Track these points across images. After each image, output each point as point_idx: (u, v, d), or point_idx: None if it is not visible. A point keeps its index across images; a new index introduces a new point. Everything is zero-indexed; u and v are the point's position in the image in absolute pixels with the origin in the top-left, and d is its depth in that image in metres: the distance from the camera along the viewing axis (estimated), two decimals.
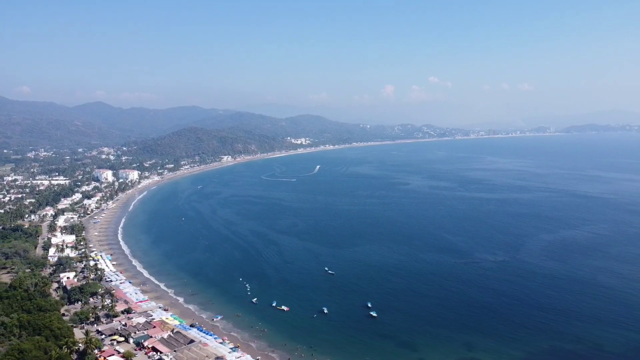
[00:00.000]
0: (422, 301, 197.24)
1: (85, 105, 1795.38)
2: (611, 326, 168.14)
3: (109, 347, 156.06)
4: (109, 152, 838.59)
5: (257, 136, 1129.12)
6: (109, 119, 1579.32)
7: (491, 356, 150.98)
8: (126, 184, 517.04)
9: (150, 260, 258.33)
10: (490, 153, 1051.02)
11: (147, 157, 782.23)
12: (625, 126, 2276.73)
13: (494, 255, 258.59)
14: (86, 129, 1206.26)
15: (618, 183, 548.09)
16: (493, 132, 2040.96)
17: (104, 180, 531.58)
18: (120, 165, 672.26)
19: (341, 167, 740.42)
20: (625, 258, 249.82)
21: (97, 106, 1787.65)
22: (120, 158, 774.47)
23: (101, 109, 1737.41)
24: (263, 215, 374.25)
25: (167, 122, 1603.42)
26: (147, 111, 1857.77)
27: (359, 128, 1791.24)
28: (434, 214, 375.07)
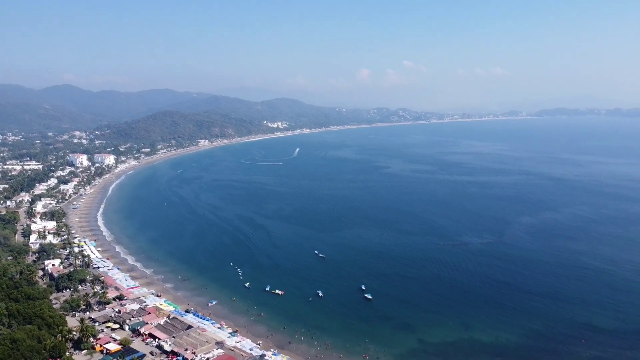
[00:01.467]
0: (415, 283, 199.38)
1: (54, 87, 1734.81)
2: (598, 307, 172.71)
3: (104, 334, 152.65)
4: (81, 136, 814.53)
5: (234, 120, 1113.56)
6: (79, 102, 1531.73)
7: (488, 336, 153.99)
8: (103, 169, 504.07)
9: (137, 246, 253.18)
10: (466, 137, 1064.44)
11: (122, 141, 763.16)
12: (593, 110, 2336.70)
13: (481, 237, 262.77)
14: (56, 112, 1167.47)
15: (591, 166, 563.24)
16: (467, 115, 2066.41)
17: (79, 164, 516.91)
18: (94, 149, 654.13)
19: (320, 151, 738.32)
20: (605, 240, 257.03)
21: (66, 89, 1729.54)
22: (93, 142, 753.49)
23: (70, 92, 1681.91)
24: (248, 200, 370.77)
25: (140, 106, 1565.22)
26: (118, 94, 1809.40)
27: (336, 112, 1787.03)
28: (417, 197, 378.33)
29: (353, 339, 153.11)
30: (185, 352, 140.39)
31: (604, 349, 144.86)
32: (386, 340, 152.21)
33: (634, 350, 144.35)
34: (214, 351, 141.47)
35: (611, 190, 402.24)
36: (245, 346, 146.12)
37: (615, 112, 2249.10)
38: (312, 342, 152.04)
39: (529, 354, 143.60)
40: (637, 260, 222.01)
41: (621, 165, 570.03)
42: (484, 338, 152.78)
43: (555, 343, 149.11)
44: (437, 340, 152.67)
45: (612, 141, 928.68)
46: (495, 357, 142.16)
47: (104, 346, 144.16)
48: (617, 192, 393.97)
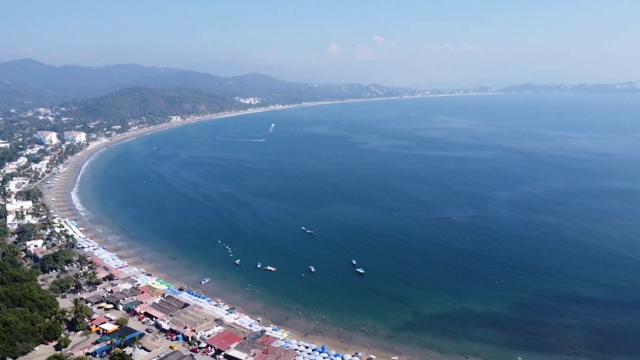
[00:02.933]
0: (404, 257, 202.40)
1: (13, 62, 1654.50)
2: (581, 279, 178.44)
3: (98, 315, 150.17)
4: (46, 113, 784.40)
5: (205, 96, 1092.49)
6: (41, 77, 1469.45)
7: (480, 306, 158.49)
8: (74, 147, 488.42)
9: (120, 225, 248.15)
10: (439, 112, 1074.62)
11: (91, 118, 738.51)
12: (559, 86, 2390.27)
13: (463, 212, 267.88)
14: (17, 88, 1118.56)
15: (562, 140, 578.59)
16: (438, 91, 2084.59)
17: (49, 142, 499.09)
18: (62, 126, 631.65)
19: (296, 128, 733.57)
20: (581, 213, 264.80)
21: (26, 64, 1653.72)
22: (60, 119, 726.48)
23: (32, 67, 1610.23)
24: (228, 177, 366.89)
25: (106, 81, 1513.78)
26: (82, 69, 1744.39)
27: (307, 87, 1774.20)
28: (397, 173, 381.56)
29: (350, 313, 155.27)
30: (184, 329, 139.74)
31: (589, 317, 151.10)
32: (382, 313, 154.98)
33: (616, 317, 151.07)
34: (213, 328, 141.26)
35: (582, 164, 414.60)
36: (244, 322, 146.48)
37: (580, 87, 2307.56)
38: (310, 317, 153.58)
39: (520, 321, 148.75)
40: (613, 232, 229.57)
41: (588, 140, 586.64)
42: (476, 308, 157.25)
43: (543, 311, 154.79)
44: (431, 311, 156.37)
45: (579, 116, 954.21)
46: (489, 326, 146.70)
47: (100, 326, 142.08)
48: (588, 166, 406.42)
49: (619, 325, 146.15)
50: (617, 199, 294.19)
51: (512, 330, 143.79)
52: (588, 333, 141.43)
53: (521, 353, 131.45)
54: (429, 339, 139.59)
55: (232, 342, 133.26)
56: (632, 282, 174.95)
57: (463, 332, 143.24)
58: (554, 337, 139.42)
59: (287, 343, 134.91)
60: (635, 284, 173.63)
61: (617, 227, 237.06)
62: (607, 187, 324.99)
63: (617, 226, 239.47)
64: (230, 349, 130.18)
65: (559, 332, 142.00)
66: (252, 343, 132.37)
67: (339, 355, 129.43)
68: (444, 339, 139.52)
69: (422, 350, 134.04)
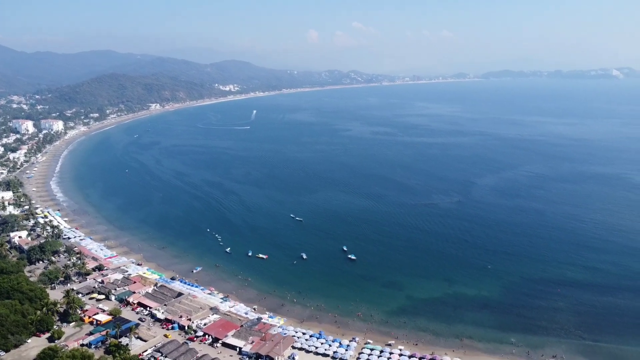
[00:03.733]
0: (394, 243, 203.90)
1: None
2: (567, 263, 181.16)
3: (90, 306, 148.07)
4: (20, 101, 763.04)
5: (184, 83, 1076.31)
6: (13, 64, 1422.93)
7: (471, 290, 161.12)
8: (52, 136, 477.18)
9: (106, 215, 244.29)
10: (420, 99, 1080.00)
11: (67, 106, 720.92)
12: (536, 72, 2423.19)
13: (449, 197, 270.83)
14: None
15: (541, 126, 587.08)
16: (417, 78, 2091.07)
17: (25, 131, 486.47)
18: (37, 115, 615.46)
19: (277, 115, 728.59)
20: (563, 197, 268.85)
21: None
22: (35, 107, 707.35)
23: (2, 53, 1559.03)
24: (212, 165, 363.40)
25: (81, 68, 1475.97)
26: (55, 56, 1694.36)
27: (287, 74, 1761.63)
28: (382, 159, 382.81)
29: (344, 299, 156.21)
30: (180, 319, 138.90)
31: (577, 299, 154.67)
32: (376, 299, 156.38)
33: (602, 298, 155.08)
34: (209, 317, 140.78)
35: (561, 150, 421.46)
36: (239, 310, 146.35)
37: (556, 73, 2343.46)
38: (305, 304, 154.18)
39: (511, 304, 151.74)
40: (595, 216, 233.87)
41: (566, 125, 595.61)
42: (468, 292, 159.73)
43: (532, 294, 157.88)
44: (424, 296, 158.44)
45: (556, 102, 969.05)
46: (481, 309, 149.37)
47: (94, 317, 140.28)
48: (567, 151, 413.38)
49: (605, 306, 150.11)
50: (597, 183, 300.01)
51: (503, 313, 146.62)
52: (577, 314, 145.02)
53: (514, 335, 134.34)
54: (423, 323, 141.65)
55: (229, 330, 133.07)
56: (615, 264, 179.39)
57: (456, 315, 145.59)
58: (545, 318, 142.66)
59: (284, 330, 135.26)
60: (618, 265, 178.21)
61: (599, 211, 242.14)
62: (586, 172, 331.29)
63: (599, 210, 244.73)
64: (227, 337, 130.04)
65: (549, 313, 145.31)
66: (250, 330, 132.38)
67: (336, 341, 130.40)
68: (438, 323, 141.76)
69: (418, 334, 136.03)
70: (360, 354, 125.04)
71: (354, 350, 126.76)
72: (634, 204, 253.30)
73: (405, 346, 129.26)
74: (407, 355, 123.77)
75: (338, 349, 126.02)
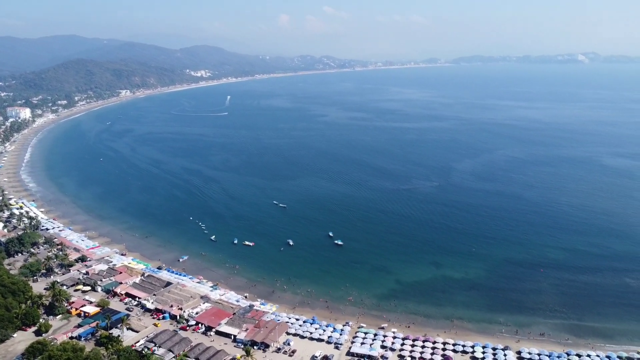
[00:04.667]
0: (378, 228, 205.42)
1: None
2: (547, 246, 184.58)
3: (76, 298, 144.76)
4: None
5: (154, 69, 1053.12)
6: None
7: (458, 273, 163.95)
8: (19, 124, 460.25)
9: (83, 205, 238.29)
10: (394, 84, 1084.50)
11: (32, 93, 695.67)
12: (505, 57, 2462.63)
13: (429, 181, 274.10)
14: None
15: (514, 110, 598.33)
16: (390, 63, 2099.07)
17: None
18: (1, 102, 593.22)
19: (252, 101, 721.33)
20: (540, 181, 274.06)
21: None
22: None
23: None
24: (190, 152, 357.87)
25: (45, 54, 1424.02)
26: (17, 41, 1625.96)
27: (259, 60, 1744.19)
28: (360, 144, 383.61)
29: (334, 284, 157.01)
30: (170, 308, 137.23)
31: (559, 279, 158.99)
32: (365, 283, 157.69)
33: (582, 277, 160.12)
34: (200, 305, 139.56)
35: (533, 133, 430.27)
36: (230, 298, 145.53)
37: (524, 58, 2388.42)
38: (295, 290, 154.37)
39: (497, 285, 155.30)
40: (571, 200, 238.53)
41: (538, 109, 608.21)
42: (455, 275, 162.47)
43: (517, 276, 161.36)
44: (412, 279, 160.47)
45: (526, 87, 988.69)
46: (468, 290, 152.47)
47: (81, 309, 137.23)
48: (539, 135, 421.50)
49: (586, 285, 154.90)
50: (571, 166, 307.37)
51: (490, 294, 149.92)
52: (560, 294, 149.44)
53: (502, 315, 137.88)
54: (413, 306, 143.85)
55: (222, 318, 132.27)
56: (593, 245, 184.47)
57: (445, 297, 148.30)
58: (530, 298, 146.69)
59: (277, 316, 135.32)
60: (596, 246, 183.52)
61: (574, 194, 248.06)
62: (560, 155, 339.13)
63: (574, 192, 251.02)
64: (220, 325, 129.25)
65: (534, 294, 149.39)
66: (243, 318, 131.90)
67: (330, 326, 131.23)
68: (428, 305, 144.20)
69: (409, 316, 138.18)
70: (354, 337, 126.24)
71: (348, 334, 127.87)
72: (606, 186, 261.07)
73: (398, 329, 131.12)
74: (400, 338, 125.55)
75: (332, 334, 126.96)
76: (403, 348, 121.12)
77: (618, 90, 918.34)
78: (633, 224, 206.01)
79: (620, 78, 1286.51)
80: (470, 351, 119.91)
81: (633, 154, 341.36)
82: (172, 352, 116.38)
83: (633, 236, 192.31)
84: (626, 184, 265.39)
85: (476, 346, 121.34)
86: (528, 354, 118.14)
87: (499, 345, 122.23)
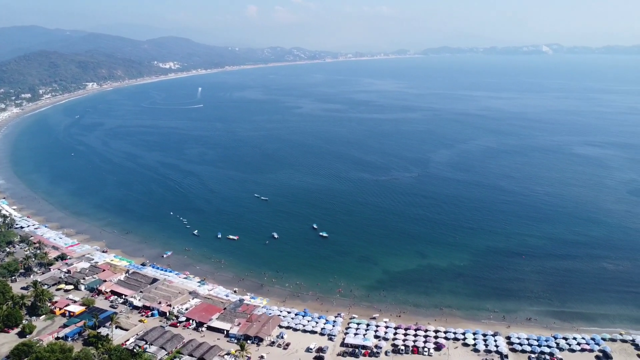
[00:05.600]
0: (361, 219, 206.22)
1: None
2: (527, 235, 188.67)
3: (59, 297, 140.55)
4: None
5: (121, 60, 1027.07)
6: None
7: (443, 261, 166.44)
8: None
9: (58, 202, 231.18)
10: (365, 75, 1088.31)
11: None
12: (473, 48, 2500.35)
13: (408, 172, 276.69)
14: None
15: (484, 100, 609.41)
16: (360, 54, 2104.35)
17: None
18: None
19: (224, 93, 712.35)
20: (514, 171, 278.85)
21: None
22: None
23: None
24: (165, 146, 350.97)
25: (5, 45, 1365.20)
26: None
27: (229, 51, 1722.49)
28: (337, 136, 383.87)
29: (322, 276, 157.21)
30: (159, 305, 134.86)
31: (541, 266, 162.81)
32: (354, 274, 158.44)
33: (562, 263, 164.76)
34: (190, 301, 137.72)
35: (505, 123, 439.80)
36: (219, 293, 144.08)
37: (491, 50, 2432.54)
38: (284, 283, 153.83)
39: (482, 273, 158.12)
40: (546, 189, 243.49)
41: (506, 99, 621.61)
42: (440, 264, 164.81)
43: (501, 263, 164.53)
44: (399, 269, 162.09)
45: (494, 77, 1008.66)
46: (455, 279, 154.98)
47: (66, 309, 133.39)
48: (510, 125, 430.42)
49: (567, 271, 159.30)
50: (543, 155, 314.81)
51: (476, 282, 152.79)
52: (543, 279, 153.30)
53: (489, 301, 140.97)
54: (402, 296, 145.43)
55: (213, 313, 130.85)
56: (571, 232, 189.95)
57: (433, 286, 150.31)
58: (515, 285, 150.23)
59: (268, 310, 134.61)
60: (573, 233, 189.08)
61: (549, 183, 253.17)
62: (531, 145, 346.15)
63: (549, 181, 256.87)
64: (212, 320, 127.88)
65: (518, 280, 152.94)
66: (234, 313, 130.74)
67: (322, 318, 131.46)
68: (416, 294, 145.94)
69: (399, 306, 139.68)
70: (347, 328, 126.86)
71: (340, 325, 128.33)
72: (579, 175, 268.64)
73: (389, 318, 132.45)
74: (392, 327, 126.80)
75: (325, 326, 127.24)
76: (396, 337, 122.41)
77: (581, 80, 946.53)
78: (606, 210, 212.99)
79: (582, 69, 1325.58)
80: (461, 338, 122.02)
81: (601, 142, 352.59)
82: (165, 350, 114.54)
83: (607, 223, 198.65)
84: (597, 172, 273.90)
85: (467, 333, 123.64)
86: (517, 339, 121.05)
87: (489, 331, 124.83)
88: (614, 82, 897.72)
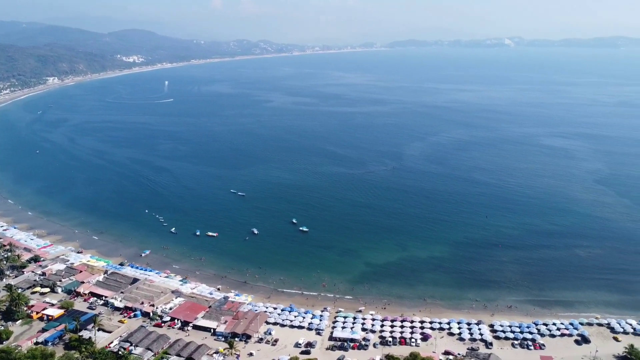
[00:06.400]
0: (339, 213, 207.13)
1: None
2: (502, 227, 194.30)
3: (35, 300, 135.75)
4: None
5: (83, 54, 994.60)
6: None
7: (424, 252, 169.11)
8: None
9: (26, 201, 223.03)
10: (333, 68, 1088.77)
11: None
12: (438, 42, 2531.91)
13: (384, 165, 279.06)
14: None
15: (452, 93, 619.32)
16: (327, 47, 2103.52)
17: None
18: None
19: (192, 87, 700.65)
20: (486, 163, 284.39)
21: None
22: None
23: None
24: (135, 142, 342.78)
25: None
26: None
27: (194, 44, 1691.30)
28: (310, 130, 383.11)
29: (305, 271, 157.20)
30: (141, 305, 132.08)
31: (518, 255, 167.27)
32: (336, 268, 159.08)
33: (537, 252, 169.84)
34: (173, 300, 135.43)
35: (473, 115, 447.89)
36: (203, 291, 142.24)
37: (455, 43, 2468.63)
38: (267, 280, 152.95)
39: (462, 264, 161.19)
40: (518, 181, 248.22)
41: (473, 92, 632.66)
42: (420, 255, 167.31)
43: (479, 254, 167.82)
44: (381, 261, 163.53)
45: (459, 70, 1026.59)
46: (435, 270, 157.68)
47: (43, 313, 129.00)
48: (478, 117, 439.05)
49: (541, 260, 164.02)
50: (514, 147, 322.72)
51: (457, 272, 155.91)
52: (520, 269, 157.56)
53: (470, 291, 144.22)
54: (386, 288, 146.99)
55: (198, 312, 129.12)
56: (543, 221, 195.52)
57: (415, 278, 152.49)
58: (494, 275, 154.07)
59: (253, 306, 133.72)
60: (546, 222, 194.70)
61: (520, 174, 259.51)
62: (501, 137, 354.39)
63: (520, 172, 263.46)
64: (197, 319, 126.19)
65: (497, 270, 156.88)
66: (220, 311, 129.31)
67: (308, 312, 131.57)
68: (400, 286, 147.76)
69: (384, 298, 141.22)
70: (334, 322, 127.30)
71: (327, 319, 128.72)
72: (548, 166, 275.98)
73: (375, 311, 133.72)
74: (379, 319, 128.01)
75: (312, 320, 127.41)
76: (383, 329, 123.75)
77: (543, 72, 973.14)
78: (575, 199, 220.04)
79: (543, 61, 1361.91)
80: (446, 327, 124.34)
81: (566, 133, 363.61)
82: (151, 350, 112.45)
83: (577, 212, 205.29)
84: (565, 163, 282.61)
85: (452, 322, 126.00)
86: (500, 327, 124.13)
87: (472, 320, 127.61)
88: (574, 74, 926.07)
